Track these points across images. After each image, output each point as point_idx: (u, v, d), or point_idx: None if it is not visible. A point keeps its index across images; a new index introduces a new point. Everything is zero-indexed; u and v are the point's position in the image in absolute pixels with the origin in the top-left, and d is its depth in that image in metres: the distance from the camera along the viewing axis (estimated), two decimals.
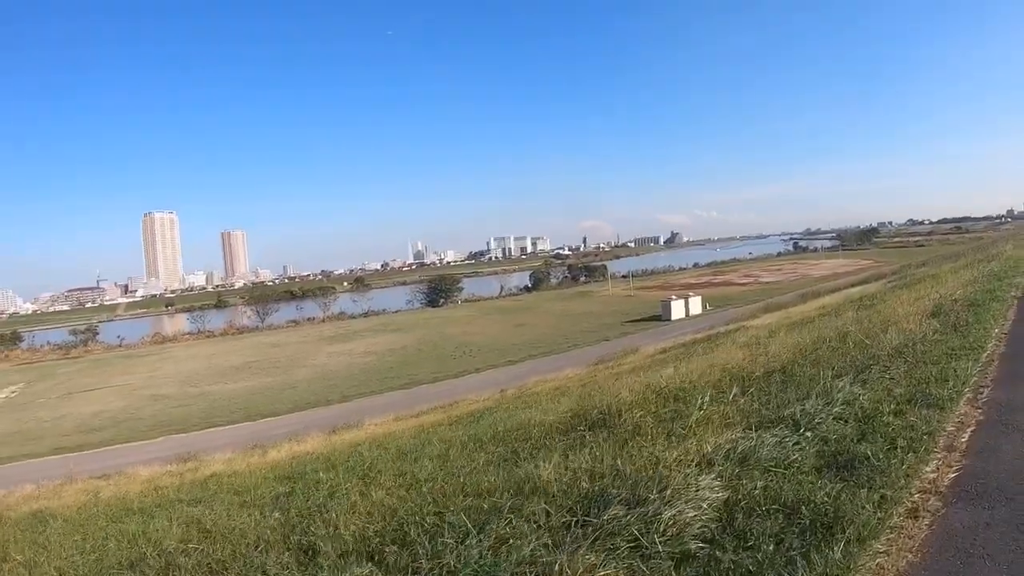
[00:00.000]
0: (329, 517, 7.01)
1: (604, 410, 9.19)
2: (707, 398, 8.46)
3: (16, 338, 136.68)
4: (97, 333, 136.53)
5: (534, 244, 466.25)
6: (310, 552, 6.13)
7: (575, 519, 5.32)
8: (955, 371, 8.96)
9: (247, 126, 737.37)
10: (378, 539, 5.92)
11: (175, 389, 70.73)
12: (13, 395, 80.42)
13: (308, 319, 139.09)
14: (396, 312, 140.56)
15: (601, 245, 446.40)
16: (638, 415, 8.46)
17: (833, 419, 7.33)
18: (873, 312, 17.74)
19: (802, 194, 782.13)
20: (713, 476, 5.88)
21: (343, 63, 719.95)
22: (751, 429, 7.21)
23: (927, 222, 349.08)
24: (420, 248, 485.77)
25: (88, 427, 56.34)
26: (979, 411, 7.66)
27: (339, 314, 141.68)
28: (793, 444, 6.60)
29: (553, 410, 12.48)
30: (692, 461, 6.29)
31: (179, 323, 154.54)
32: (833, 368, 9.59)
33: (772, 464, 6.18)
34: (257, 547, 6.71)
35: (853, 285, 66.42)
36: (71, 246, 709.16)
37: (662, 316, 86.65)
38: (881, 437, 6.65)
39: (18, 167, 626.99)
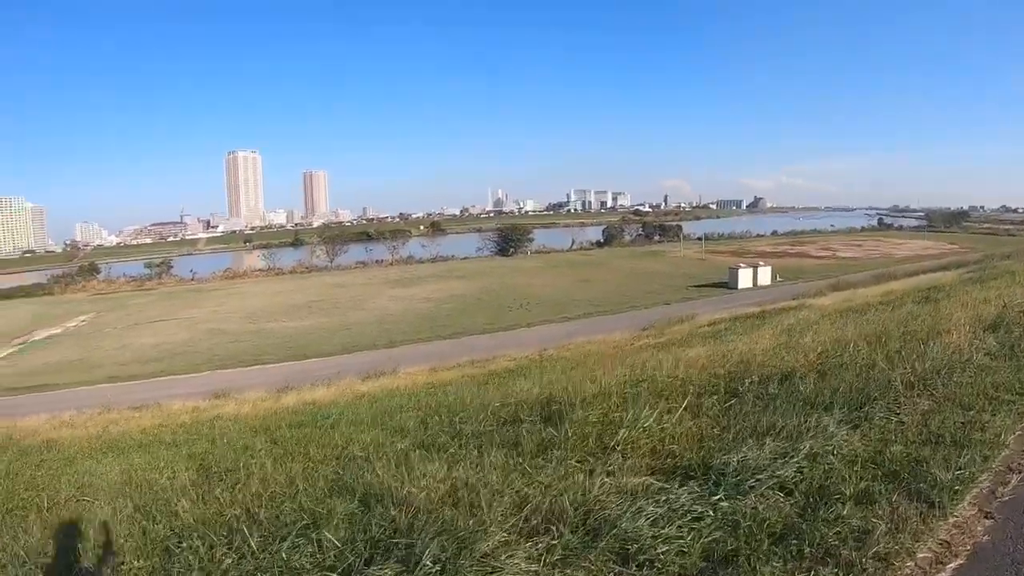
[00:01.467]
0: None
1: (563, 400, 7.59)
2: (652, 412, 6.25)
3: (93, 269, 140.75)
4: (171, 267, 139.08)
5: (614, 199, 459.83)
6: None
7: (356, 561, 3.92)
8: (983, 430, 6.00)
9: (334, 73, 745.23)
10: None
11: (234, 325, 71.79)
12: (83, 324, 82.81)
13: (377, 261, 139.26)
14: (464, 259, 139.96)
15: (682, 205, 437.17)
16: (584, 415, 6.63)
17: (775, 486, 4.84)
18: (930, 310, 14.56)
19: (892, 168, 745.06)
20: (541, 547, 4.05)
21: (427, 18, 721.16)
22: (664, 475, 5.13)
23: (1020, 210, 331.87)
24: (500, 196, 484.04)
25: (146, 358, 57.57)
26: (987, 521, 4.56)
27: (407, 258, 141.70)
28: (690, 519, 4.30)
29: (532, 387, 10.95)
30: (540, 513, 4.46)
31: (253, 260, 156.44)
32: (838, 389, 7.07)
33: (632, 544, 4.05)
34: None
35: (930, 271, 63.42)
36: (158, 182, 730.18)
37: (729, 284, 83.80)
38: (809, 544, 3.95)
39: (109, 104, 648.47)
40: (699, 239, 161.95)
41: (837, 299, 42.36)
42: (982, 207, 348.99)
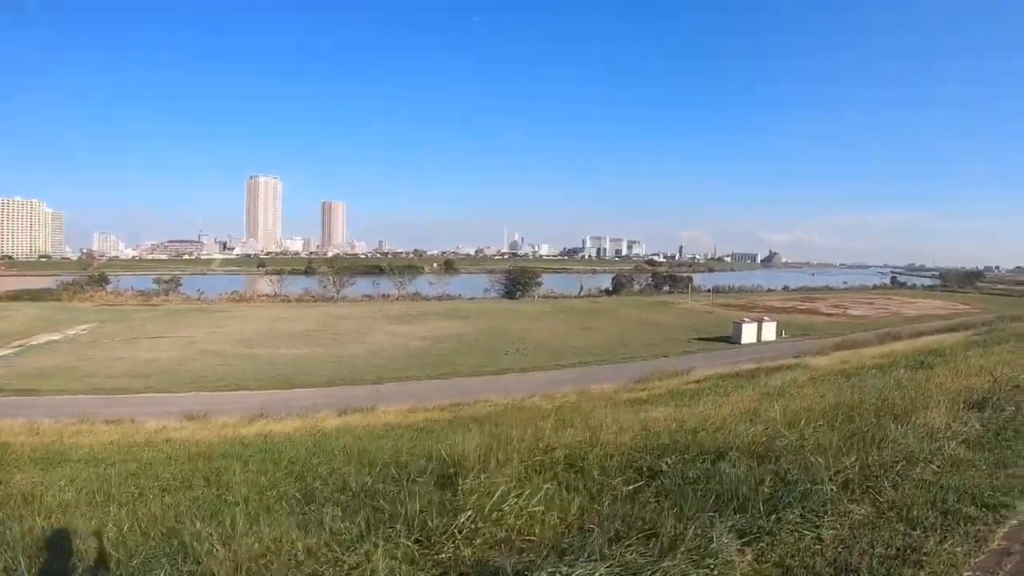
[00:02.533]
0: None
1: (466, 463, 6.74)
2: (525, 490, 5.49)
3: (103, 280, 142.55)
4: (180, 285, 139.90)
5: (629, 247, 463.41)
6: None
7: None
8: (920, 566, 4.47)
9: (359, 103, 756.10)
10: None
11: (229, 347, 71.37)
12: (83, 333, 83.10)
13: (383, 295, 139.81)
14: (471, 299, 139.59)
15: (696, 256, 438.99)
16: (473, 484, 5.71)
17: None
18: (921, 377, 13.23)
19: (909, 227, 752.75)
20: None
21: (453, 56, 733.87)
22: None
23: None
24: (516, 239, 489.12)
25: (136, 372, 57.53)
26: None
27: (414, 294, 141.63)
28: None
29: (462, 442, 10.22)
30: None
31: (263, 284, 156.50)
32: (762, 480, 5.68)
33: None
34: None
35: (937, 331, 62.79)
36: (180, 200, 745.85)
37: (732, 338, 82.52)
38: None
39: (138, 122, 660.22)
40: (708, 291, 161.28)
41: (835, 359, 41.69)
42: (997, 267, 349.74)
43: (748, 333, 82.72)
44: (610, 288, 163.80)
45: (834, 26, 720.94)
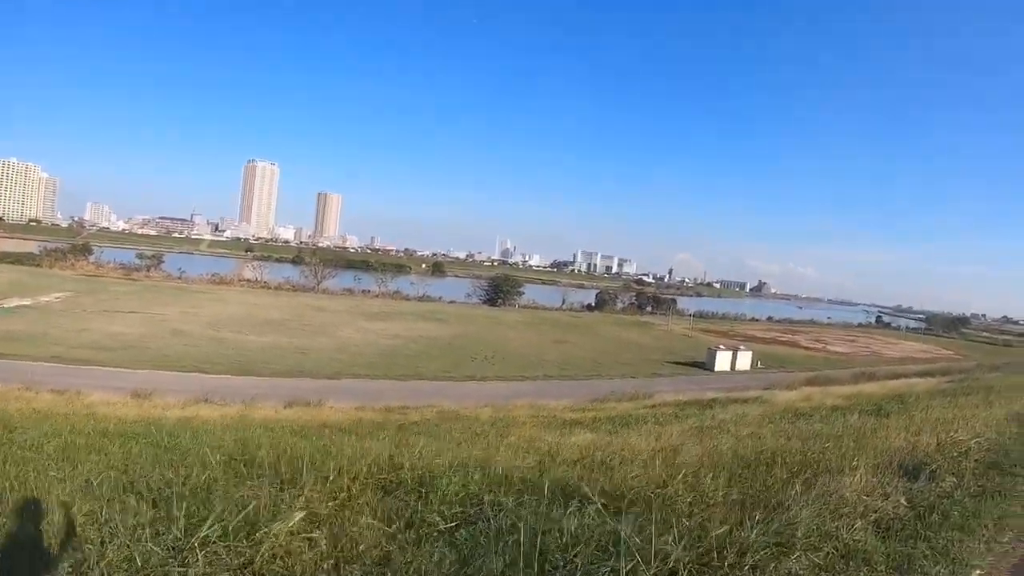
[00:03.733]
0: None
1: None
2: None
3: (86, 250, 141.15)
4: (162, 261, 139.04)
5: (620, 265, 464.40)
6: None
7: None
8: None
9: (365, 99, 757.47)
10: None
11: (198, 329, 70.74)
12: (56, 301, 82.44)
13: (363, 291, 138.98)
14: (451, 303, 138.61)
15: (686, 280, 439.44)
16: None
17: None
18: (867, 427, 12.38)
19: (901, 267, 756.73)
20: None
21: (456, 60, 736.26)
22: None
23: (1022, 322, 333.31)
24: (508, 247, 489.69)
25: (99, 345, 57.01)
26: None
27: (394, 292, 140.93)
28: None
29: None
30: None
31: (246, 269, 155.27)
32: (582, 543, 4.66)
33: None
34: None
35: (913, 375, 62.43)
36: (176, 178, 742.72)
37: (706, 364, 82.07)
38: None
39: (140, 96, 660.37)
40: (692, 315, 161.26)
41: (799, 396, 41.20)
42: (983, 315, 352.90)
43: (722, 361, 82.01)
44: (592, 304, 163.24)
45: (835, 57, 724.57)
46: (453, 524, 5.33)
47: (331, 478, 6.17)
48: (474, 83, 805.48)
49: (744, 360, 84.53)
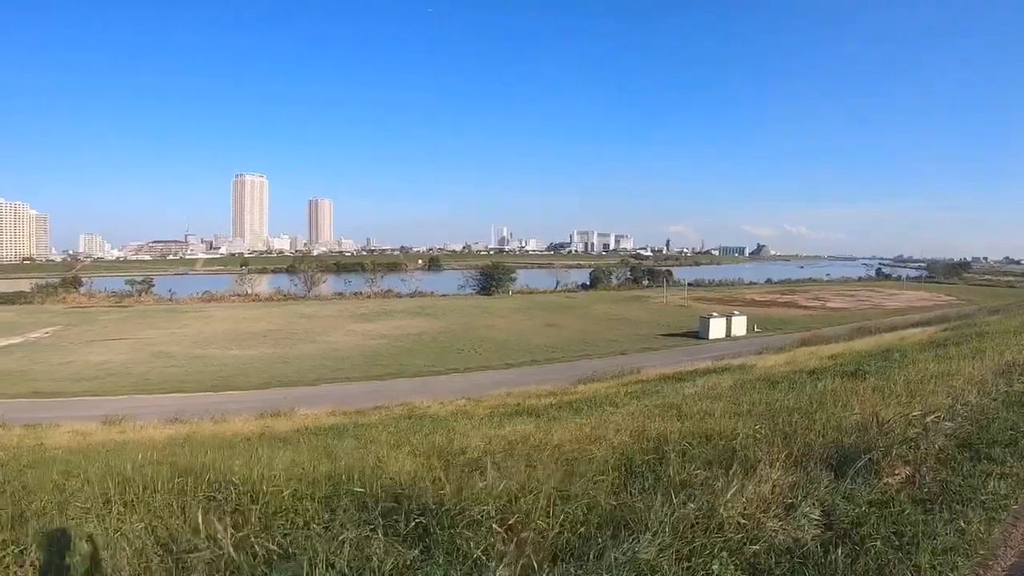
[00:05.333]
0: None
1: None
2: None
3: (76, 282, 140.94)
4: (152, 285, 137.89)
5: (617, 241, 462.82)
6: None
7: None
8: None
9: (347, 100, 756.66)
10: None
11: (182, 349, 70.54)
12: (45, 336, 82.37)
13: (355, 293, 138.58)
14: (444, 296, 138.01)
15: (684, 250, 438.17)
16: None
17: None
18: (831, 395, 10.45)
19: (899, 218, 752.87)
20: None
21: (439, 53, 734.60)
22: None
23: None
24: (505, 234, 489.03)
25: (81, 376, 56.95)
26: None
27: (386, 292, 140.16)
28: None
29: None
30: None
31: (239, 284, 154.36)
32: None
33: None
34: None
35: (910, 325, 61.26)
36: (167, 200, 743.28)
37: (700, 334, 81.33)
38: None
39: (123, 122, 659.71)
40: (691, 285, 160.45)
41: (783, 359, 40.07)
42: (985, 258, 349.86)
43: (716, 328, 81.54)
44: (587, 283, 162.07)
45: (818, 20, 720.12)
46: None
47: None
48: (458, 74, 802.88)
49: (739, 326, 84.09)
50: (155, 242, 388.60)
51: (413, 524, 4.70)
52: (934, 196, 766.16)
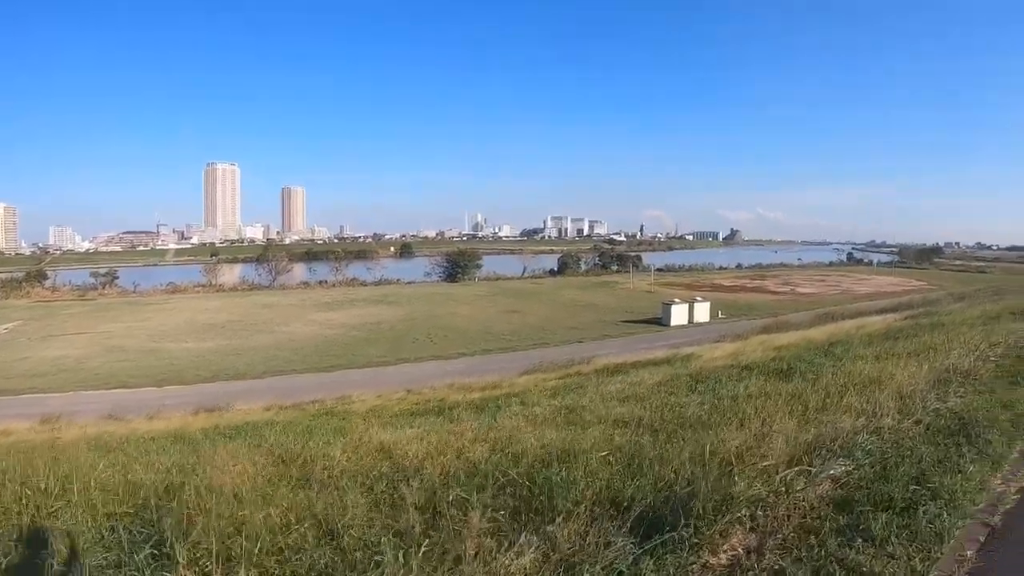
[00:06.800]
0: None
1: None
2: None
3: (41, 276, 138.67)
4: (116, 277, 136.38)
5: (591, 227, 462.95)
6: None
7: None
8: None
9: (318, 88, 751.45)
10: None
11: (137, 343, 69.48)
12: (4, 332, 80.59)
13: (320, 282, 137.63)
14: (409, 283, 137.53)
15: (658, 235, 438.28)
16: None
17: None
18: (726, 405, 9.79)
19: (874, 204, 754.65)
20: None
21: (409, 38, 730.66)
22: None
23: (996, 247, 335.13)
24: (479, 220, 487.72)
25: (33, 372, 55.93)
26: None
27: (351, 280, 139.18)
28: None
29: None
30: None
31: (206, 274, 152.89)
32: None
33: None
34: None
35: (874, 312, 61.47)
36: (138, 190, 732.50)
37: (662, 320, 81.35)
38: None
39: (92, 113, 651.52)
40: (658, 270, 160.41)
41: (729, 351, 39.46)
42: (957, 244, 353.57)
43: (678, 315, 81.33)
44: (555, 269, 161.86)
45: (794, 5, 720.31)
46: None
47: None
48: (429, 61, 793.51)
49: (702, 312, 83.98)
50: (126, 232, 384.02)
51: None
52: (908, 182, 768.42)
